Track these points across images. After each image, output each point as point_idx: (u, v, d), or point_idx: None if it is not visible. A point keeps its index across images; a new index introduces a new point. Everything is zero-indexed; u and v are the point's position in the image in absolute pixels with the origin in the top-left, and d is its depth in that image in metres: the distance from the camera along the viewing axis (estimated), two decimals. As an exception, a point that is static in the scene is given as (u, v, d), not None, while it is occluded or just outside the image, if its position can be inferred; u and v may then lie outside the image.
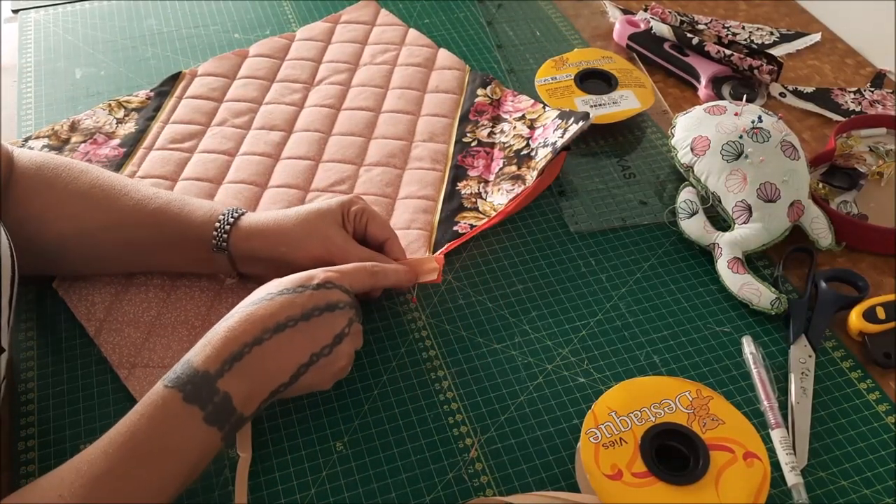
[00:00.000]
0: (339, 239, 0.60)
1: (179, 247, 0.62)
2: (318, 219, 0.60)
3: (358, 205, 0.62)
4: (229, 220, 0.60)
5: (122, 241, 0.62)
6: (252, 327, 0.50)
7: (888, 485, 0.55)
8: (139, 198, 0.62)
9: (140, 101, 0.83)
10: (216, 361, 0.49)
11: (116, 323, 0.63)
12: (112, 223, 0.61)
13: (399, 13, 0.98)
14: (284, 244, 0.60)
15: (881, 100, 0.87)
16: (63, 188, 0.61)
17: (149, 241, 0.62)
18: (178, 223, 0.61)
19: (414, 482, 0.54)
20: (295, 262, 0.59)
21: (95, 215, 0.61)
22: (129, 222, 0.61)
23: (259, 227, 0.61)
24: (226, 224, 0.60)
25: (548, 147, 0.75)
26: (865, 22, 0.95)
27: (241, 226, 0.61)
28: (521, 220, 0.73)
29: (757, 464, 0.51)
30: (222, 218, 0.61)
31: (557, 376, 0.61)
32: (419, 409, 0.58)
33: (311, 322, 0.52)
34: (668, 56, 0.89)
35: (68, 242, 0.61)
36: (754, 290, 0.65)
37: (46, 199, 0.61)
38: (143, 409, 0.47)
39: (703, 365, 0.62)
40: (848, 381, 0.61)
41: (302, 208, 0.61)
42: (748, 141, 0.70)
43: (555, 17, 0.99)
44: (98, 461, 0.45)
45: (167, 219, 0.61)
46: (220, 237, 0.60)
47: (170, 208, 0.61)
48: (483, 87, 0.86)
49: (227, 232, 0.60)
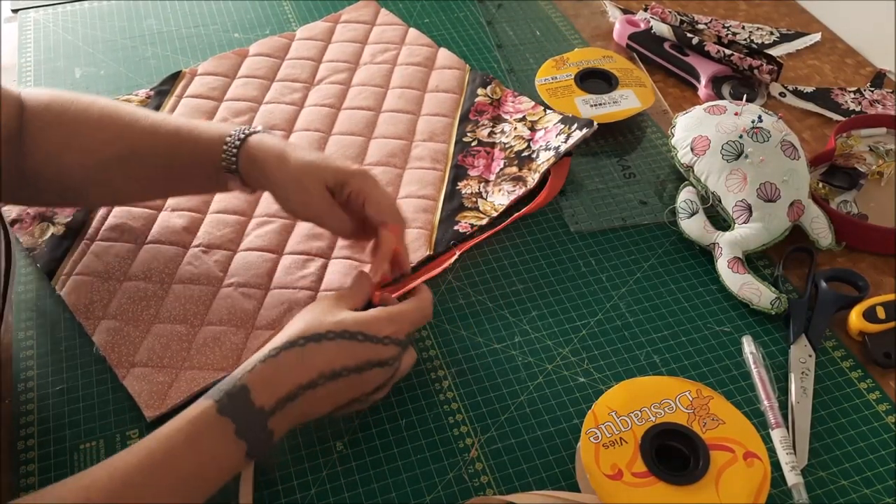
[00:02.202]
0: (320, 200, 0.58)
1: (194, 169, 0.61)
2: (311, 172, 0.58)
3: (353, 185, 0.58)
4: (235, 143, 0.59)
5: (138, 169, 0.62)
6: (309, 369, 0.50)
7: (888, 485, 0.55)
8: (149, 123, 0.61)
9: (140, 100, 0.83)
10: (272, 398, 0.48)
11: (115, 322, 0.62)
12: (126, 152, 0.61)
13: (399, 13, 0.98)
14: (275, 184, 0.59)
15: (881, 99, 0.87)
16: (74, 121, 0.61)
17: (164, 167, 0.62)
18: (190, 145, 0.61)
19: (414, 482, 0.54)
20: (284, 203, 0.60)
21: (109, 145, 0.61)
22: (143, 150, 0.61)
23: (261, 156, 0.59)
24: (233, 147, 0.59)
25: (550, 151, 0.76)
26: (865, 22, 0.95)
27: (248, 148, 0.59)
28: (521, 220, 0.73)
29: (757, 464, 0.51)
30: (230, 139, 0.60)
31: (557, 376, 0.61)
32: (419, 409, 0.58)
33: (363, 375, 0.51)
34: (668, 56, 0.89)
35: (89, 175, 0.62)
36: (754, 289, 0.65)
37: (60, 135, 0.61)
38: (187, 426, 0.46)
39: (703, 365, 0.62)
40: (848, 381, 0.61)
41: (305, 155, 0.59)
42: (748, 141, 0.70)
43: (555, 16, 0.99)
44: (132, 472, 0.45)
45: (179, 141, 0.61)
46: (229, 159, 0.59)
47: (180, 132, 0.61)
48: (483, 87, 0.86)
49: (234, 155, 0.59)
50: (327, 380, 0.50)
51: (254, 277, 0.66)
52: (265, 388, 0.48)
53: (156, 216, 0.71)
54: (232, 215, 0.72)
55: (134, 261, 0.67)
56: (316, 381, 0.49)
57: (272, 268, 0.67)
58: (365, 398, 0.53)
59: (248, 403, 0.48)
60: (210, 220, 0.71)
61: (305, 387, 0.49)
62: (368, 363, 0.51)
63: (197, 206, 0.72)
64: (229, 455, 0.47)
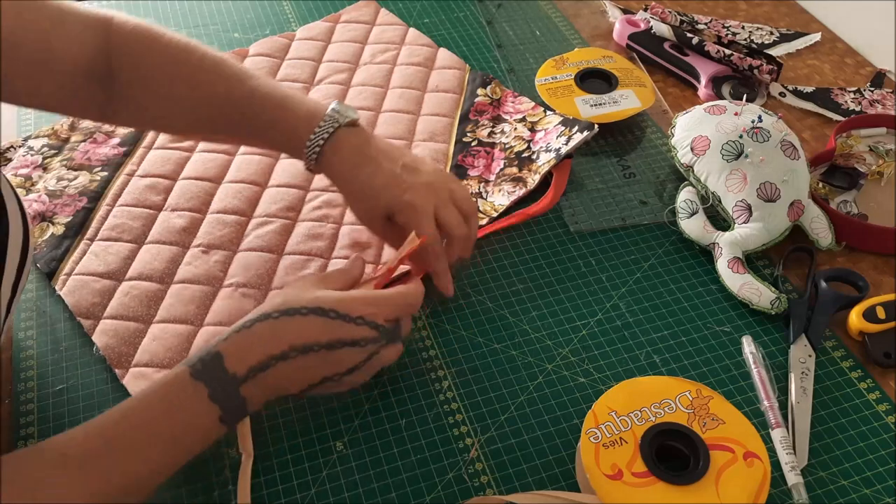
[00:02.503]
0: (375, 224, 0.62)
1: (277, 144, 0.64)
2: (370, 199, 0.61)
3: (401, 218, 0.60)
4: (322, 139, 0.60)
5: (225, 129, 0.64)
6: (280, 341, 0.51)
7: (888, 485, 0.55)
8: (247, 90, 0.61)
9: (140, 100, 0.83)
10: (244, 366, 0.50)
11: (115, 322, 0.63)
12: (218, 114, 0.62)
13: (399, 13, 0.98)
14: (343, 192, 0.63)
15: (881, 99, 0.87)
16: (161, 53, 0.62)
17: (250, 136, 0.65)
18: (280, 126, 0.61)
19: (414, 482, 0.54)
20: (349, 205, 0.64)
21: (204, 105, 0.62)
22: (234, 117, 0.62)
23: (335, 169, 0.61)
24: (317, 144, 0.60)
25: (550, 153, 0.76)
26: (865, 22, 0.95)
27: (330, 150, 0.60)
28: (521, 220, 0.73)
29: (757, 464, 0.51)
30: (318, 131, 0.60)
31: (557, 376, 0.61)
32: (419, 409, 0.58)
33: (333, 352, 0.52)
34: (668, 56, 0.89)
35: (175, 119, 0.63)
36: (754, 289, 0.65)
37: (150, 63, 0.61)
38: (163, 390, 0.49)
39: (703, 365, 0.62)
40: (848, 381, 0.61)
41: (370, 177, 0.60)
42: (748, 140, 0.70)
43: (555, 16, 0.99)
44: (108, 430, 0.47)
45: (271, 119, 0.61)
46: (311, 153, 0.60)
47: (275, 110, 0.61)
48: (483, 87, 0.86)
49: (317, 152, 0.60)
50: (298, 353, 0.51)
51: (254, 278, 0.66)
52: (237, 355, 0.50)
53: (156, 216, 0.71)
54: (232, 215, 0.72)
55: (134, 261, 0.67)
56: (287, 353, 0.51)
57: (272, 268, 0.67)
58: (339, 378, 0.53)
59: (220, 369, 0.49)
60: (210, 221, 0.71)
61: (277, 358, 0.51)
62: (340, 341, 0.52)
63: (197, 206, 0.72)
64: (203, 418, 0.49)
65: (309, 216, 0.72)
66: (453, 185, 0.64)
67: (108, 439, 0.47)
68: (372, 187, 0.60)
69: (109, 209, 0.72)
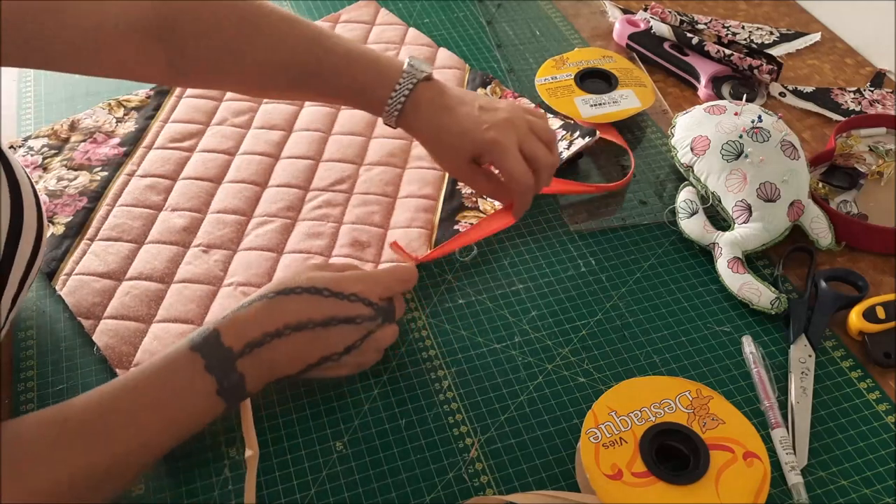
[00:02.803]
0: (464, 170, 0.63)
1: (353, 102, 0.64)
2: (457, 146, 0.62)
3: (488, 157, 0.62)
4: (404, 94, 0.61)
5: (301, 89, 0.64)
6: (275, 319, 0.53)
7: (888, 485, 0.55)
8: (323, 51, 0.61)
9: (140, 100, 0.83)
10: (240, 341, 0.51)
11: (115, 322, 0.62)
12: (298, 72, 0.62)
13: (399, 13, 0.98)
14: (427, 145, 0.64)
15: (881, 99, 0.87)
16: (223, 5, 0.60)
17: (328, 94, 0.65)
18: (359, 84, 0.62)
19: (414, 482, 0.54)
20: (434, 159, 0.65)
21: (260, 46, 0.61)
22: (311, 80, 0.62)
23: (416, 125, 0.62)
24: (398, 100, 0.61)
25: None
26: (865, 22, 0.95)
27: (412, 105, 0.61)
28: (521, 220, 0.73)
29: (757, 463, 0.51)
30: (398, 88, 0.61)
31: (557, 376, 0.61)
32: (419, 409, 0.58)
33: (329, 330, 0.54)
34: (668, 56, 0.89)
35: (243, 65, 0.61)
36: (754, 289, 0.65)
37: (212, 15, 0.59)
38: (163, 363, 0.50)
39: (703, 365, 0.62)
40: (848, 381, 0.61)
41: (457, 123, 0.61)
42: (748, 140, 0.70)
43: (555, 16, 0.99)
44: (107, 397, 0.48)
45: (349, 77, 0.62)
46: (393, 109, 0.61)
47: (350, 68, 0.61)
48: (483, 87, 0.86)
49: (398, 109, 0.61)
50: (293, 330, 0.52)
51: (254, 277, 0.66)
52: (234, 331, 0.52)
53: (156, 216, 0.71)
54: (232, 215, 0.72)
55: (134, 260, 0.67)
56: (282, 330, 0.52)
57: (272, 267, 0.67)
58: (337, 358, 0.55)
59: (217, 343, 0.51)
60: (210, 220, 0.71)
61: (272, 335, 0.52)
62: (334, 318, 0.54)
63: (197, 206, 0.72)
64: (199, 387, 0.50)
65: (309, 215, 0.72)
66: (530, 117, 0.65)
67: (106, 405, 0.48)
68: (454, 133, 0.61)
69: (110, 209, 0.72)
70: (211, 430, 0.56)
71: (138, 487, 0.54)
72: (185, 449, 0.55)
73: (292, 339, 0.53)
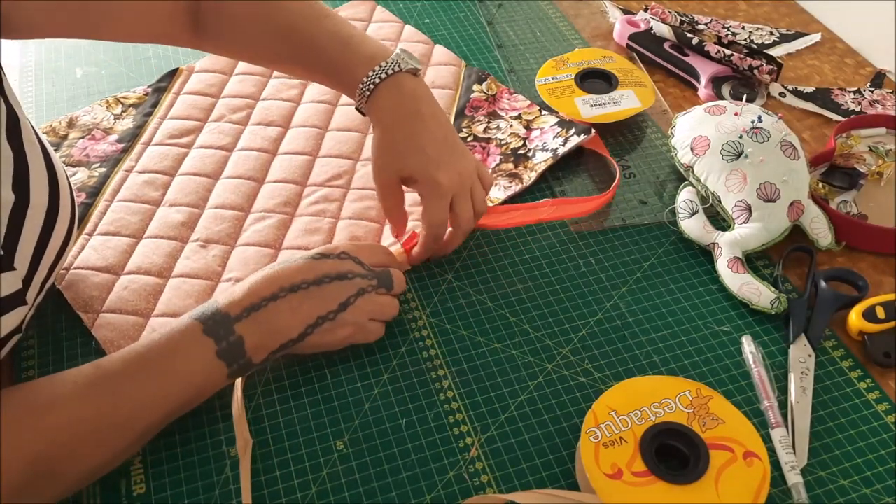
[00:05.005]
0: (390, 190, 0.64)
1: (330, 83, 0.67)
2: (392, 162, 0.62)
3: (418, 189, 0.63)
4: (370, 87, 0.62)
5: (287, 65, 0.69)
6: (271, 284, 0.56)
7: (888, 484, 0.55)
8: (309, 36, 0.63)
9: (137, 97, 0.83)
10: (237, 308, 0.54)
11: (114, 316, 0.62)
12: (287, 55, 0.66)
13: (399, 13, 0.98)
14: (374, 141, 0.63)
15: (881, 100, 0.87)
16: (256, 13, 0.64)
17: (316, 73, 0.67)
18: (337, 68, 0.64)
19: (414, 482, 0.54)
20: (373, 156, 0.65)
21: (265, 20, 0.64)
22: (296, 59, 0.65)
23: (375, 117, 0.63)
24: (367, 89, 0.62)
25: (547, 152, 0.76)
26: (865, 22, 0.95)
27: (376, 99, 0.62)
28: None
29: (757, 463, 0.51)
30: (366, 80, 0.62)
31: (557, 376, 0.61)
32: (419, 409, 0.58)
33: (322, 287, 0.57)
34: (668, 56, 0.89)
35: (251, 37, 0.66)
36: (754, 289, 0.65)
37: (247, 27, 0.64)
38: (166, 332, 0.53)
39: (703, 365, 0.62)
40: (848, 381, 0.61)
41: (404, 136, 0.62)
42: (748, 141, 0.70)
43: (555, 16, 0.99)
44: (115, 364, 0.51)
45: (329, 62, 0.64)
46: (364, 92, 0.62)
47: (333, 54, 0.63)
48: (479, 83, 0.86)
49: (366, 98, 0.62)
50: (287, 292, 0.56)
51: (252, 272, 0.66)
52: (231, 301, 0.55)
53: (154, 211, 0.71)
54: (230, 210, 0.72)
55: (133, 255, 0.67)
56: (277, 293, 0.55)
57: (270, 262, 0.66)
58: (333, 317, 0.57)
59: (215, 310, 0.54)
60: (208, 215, 0.71)
61: (268, 299, 0.55)
62: (326, 276, 0.57)
63: (195, 201, 0.72)
64: (198, 348, 0.53)
65: (306, 211, 0.72)
66: (476, 180, 0.65)
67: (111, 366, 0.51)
68: (410, 146, 0.62)
69: (108, 204, 0.72)
70: (211, 430, 0.56)
71: (139, 487, 0.53)
72: (186, 448, 0.55)
73: (287, 299, 0.55)
